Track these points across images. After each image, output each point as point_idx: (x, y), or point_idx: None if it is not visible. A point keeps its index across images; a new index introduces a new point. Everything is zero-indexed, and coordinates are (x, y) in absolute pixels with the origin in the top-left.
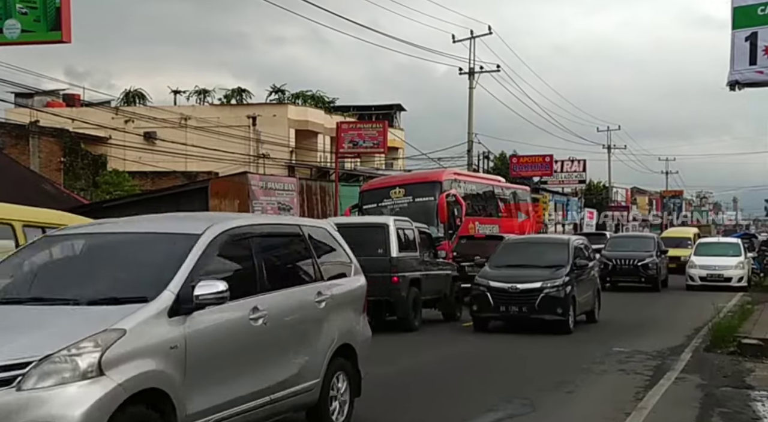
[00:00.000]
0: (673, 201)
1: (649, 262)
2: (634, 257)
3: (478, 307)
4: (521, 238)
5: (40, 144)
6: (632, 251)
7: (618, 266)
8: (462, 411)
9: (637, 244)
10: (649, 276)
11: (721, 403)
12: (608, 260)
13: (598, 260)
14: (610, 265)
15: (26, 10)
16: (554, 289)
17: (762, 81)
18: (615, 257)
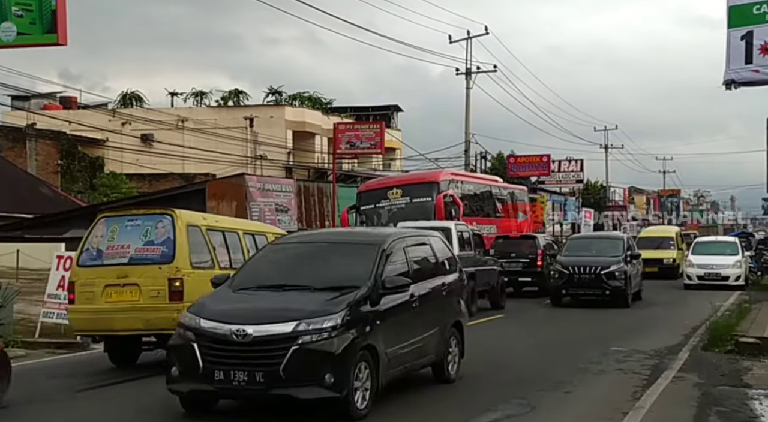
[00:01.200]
0: (670, 200)
1: (614, 270)
2: (596, 264)
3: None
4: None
5: (37, 146)
6: (595, 256)
7: (576, 275)
8: (460, 411)
9: (602, 247)
10: (615, 289)
11: (719, 402)
12: (564, 267)
13: (552, 267)
14: (566, 274)
15: (22, 13)
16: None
17: (758, 79)
18: (573, 264)
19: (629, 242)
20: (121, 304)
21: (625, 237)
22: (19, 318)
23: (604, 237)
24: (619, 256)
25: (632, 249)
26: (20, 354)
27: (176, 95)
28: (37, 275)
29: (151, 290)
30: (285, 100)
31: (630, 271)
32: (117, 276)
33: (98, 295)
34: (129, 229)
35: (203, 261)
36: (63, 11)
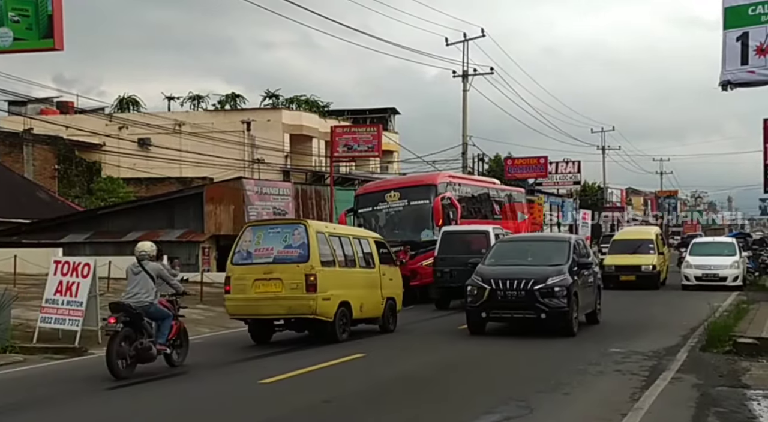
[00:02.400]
0: (668, 201)
1: (553, 284)
2: (529, 276)
3: None
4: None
5: (34, 152)
6: (529, 265)
7: (500, 291)
8: (459, 413)
9: (541, 252)
10: (554, 310)
11: (717, 403)
12: (485, 281)
13: (469, 282)
14: (486, 290)
15: (18, 18)
16: None
17: (754, 80)
18: (497, 276)
19: (579, 246)
20: (267, 294)
21: (572, 239)
22: (16, 323)
23: (544, 239)
24: (562, 265)
25: (584, 254)
26: (18, 360)
27: (173, 99)
28: (35, 280)
29: (291, 283)
30: (282, 103)
31: (577, 286)
32: (263, 272)
33: (249, 287)
34: (271, 235)
35: (328, 260)
36: (59, 16)
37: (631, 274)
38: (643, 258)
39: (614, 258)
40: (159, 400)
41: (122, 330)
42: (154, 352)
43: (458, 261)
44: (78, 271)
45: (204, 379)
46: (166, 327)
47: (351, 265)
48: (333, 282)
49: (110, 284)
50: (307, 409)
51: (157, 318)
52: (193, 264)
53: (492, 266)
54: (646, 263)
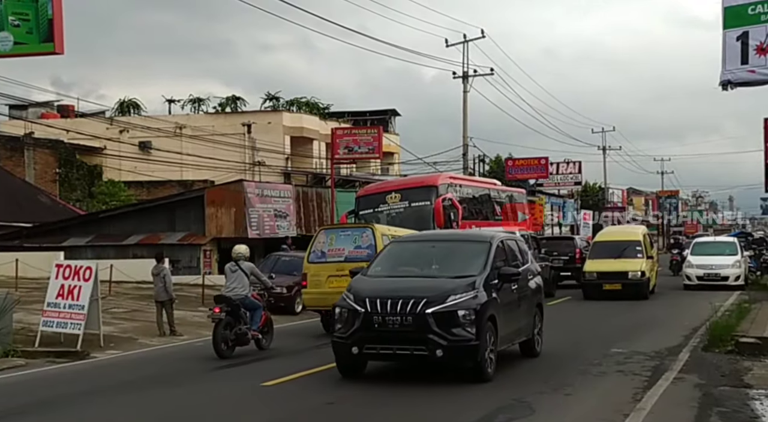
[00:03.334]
0: (669, 201)
1: (456, 306)
2: (421, 293)
3: None
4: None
5: (35, 155)
6: (427, 276)
7: (378, 316)
8: (461, 414)
9: (450, 259)
10: (454, 342)
11: (720, 403)
12: (359, 301)
13: (342, 300)
14: (360, 314)
15: (18, 23)
16: None
17: (754, 80)
18: (377, 294)
19: (510, 248)
20: (339, 289)
21: (497, 238)
22: (18, 327)
23: (456, 239)
24: (475, 277)
25: (518, 259)
26: (20, 364)
27: (173, 102)
28: (36, 284)
29: None
30: (282, 105)
31: (496, 307)
32: (336, 270)
33: (323, 282)
34: (343, 237)
35: None
36: (59, 20)
37: (616, 282)
38: (630, 263)
39: (596, 264)
40: (164, 402)
41: (225, 318)
42: (249, 337)
43: None
44: (79, 275)
45: (207, 381)
46: (258, 316)
47: None
48: None
49: (112, 287)
50: (309, 411)
51: (250, 309)
52: (194, 267)
53: (375, 278)
54: (633, 269)
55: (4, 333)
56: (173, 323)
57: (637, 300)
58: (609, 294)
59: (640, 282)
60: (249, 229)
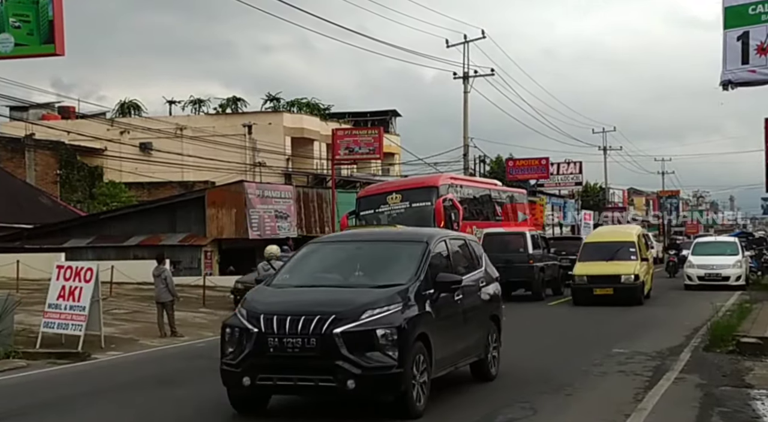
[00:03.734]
0: (670, 201)
1: (373, 324)
2: (329, 308)
3: None
4: None
5: (35, 157)
6: (342, 286)
7: (274, 337)
8: (462, 415)
9: (377, 263)
10: (370, 370)
11: (721, 403)
12: (251, 319)
13: (234, 317)
14: (253, 334)
15: (19, 24)
16: None
17: (755, 80)
18: (275, 309)
19: (452, 251)
20: None
21: (436, 238)
22: (19, 328)
23: (386, 239)
24: (403, 286)
25: (463, 263)
26: (21, 365)
27: (174, 103)
28: (38, 285)
29: None
30: (283, 106)
31: (430, 324)
32: None
33: None
34: None
35: None
36: (60, 22)
37: (607, 287)
38: (623, 265)
39: (586, 267)
40: (165, 403)
41: None
42: None
43: (497, 259)
44: (80, 276)
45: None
46: None
47: None
48: None
49: (113, 288)
50: (303, 407)
51: None
52: (195, 268)
53: (279, 289)
54: (626, 272)
55: (5, 334)
56: (174, 324)
57: (631, 305)
58: (600, 299)
59: (634, 286)
60: (250, 230)
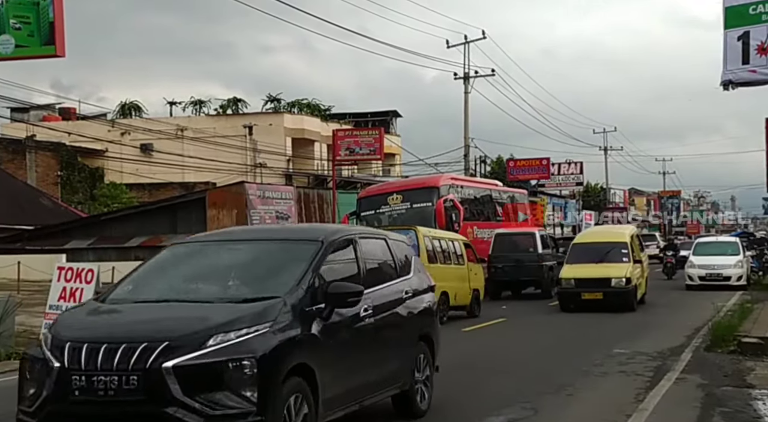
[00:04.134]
0: (671, 201)
1: (222, 353)
2: (162, 333)
3: None
4: None
5: (36, 158)
6: (191, 302)
7: (79, 375)
8: (462, 415)
9: (258, 268)
10: (217, 419)
11: (722, 403)
12: (54, 350)
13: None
14: (54, 370)
15: (20, 26)
16: None
17: (756, 80)
18: (87, 335)
19: (362, 253)
20: None
21: (337, 236)
22: (20, 330)
23: (270, 237)
24: (277, 298)
25: (380, 269)
26: None
27: (175, 104)
28: (39, 287)
29: None
30: (283, 107)
31: (317, 350)
32: None
33: None
34: None
35: (433, 258)
36: (61, 23)
37: (596, 291)
38: (614, 268)
39: (574, 270)
40: None
41: None
42: None
43: (508, 258)
44: (82, 277)
45: None
46: None
47: (448, 262)
48: (436, 275)
49: None
50: None
51: None
52: None
53: (113, 304)
54: (617, 275)
55: (6, 336)
56: None
57: (623, 312)
58: (588, 304)
59: (625, 290)
60: None
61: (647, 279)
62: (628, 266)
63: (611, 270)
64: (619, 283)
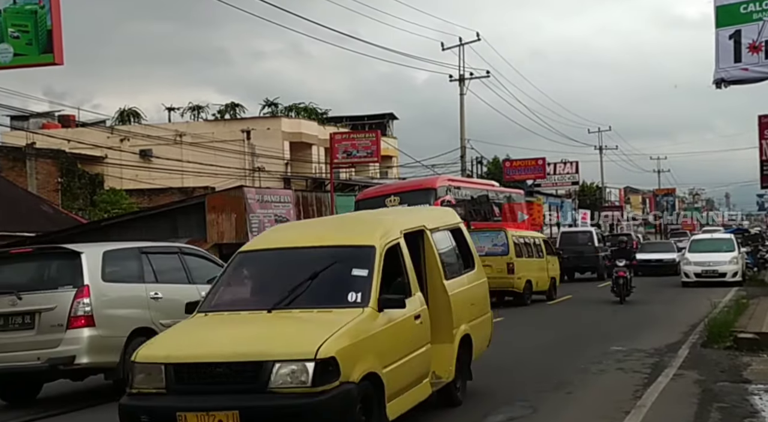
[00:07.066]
0: (666, 199)
1: None
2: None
3: None
4: None
5: (36, 165)
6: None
7: None
8: (462, 414)
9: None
10: None
11: (719, 398)
12: None
13: None
14: None
15: (18, 34)
16: None
17: (747, 78)
18: None
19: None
20: None
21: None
22: None
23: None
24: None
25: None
26: None
27: (173, 110)
28: None
29: (498, 268)
30: (281, 111)
31: None
32: None
33: None
34: (483, 237)
35: (519, 253)
36: (58, 31)
37: None
38: None
39: None
40: None
41: None
42: None
43: (571, 251)
44: None
45: None
46: None
47: (530, 256)
48: (522, 267)
49: None
50: None
51: None
52: None
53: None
54: None
55: None
56: None
57: None
58: None
59: None
60: (250, 234)
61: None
62: None
63: None
64: None
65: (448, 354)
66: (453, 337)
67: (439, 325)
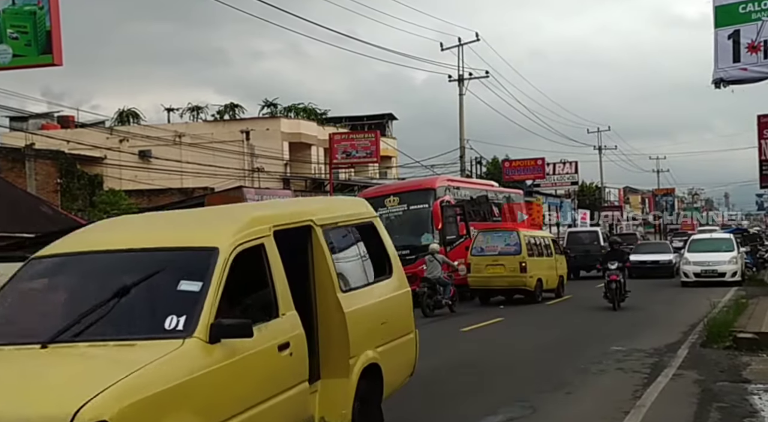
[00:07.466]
0: (665, 199)
1: None
2: None
3: None
4: None
5: (36, 166)
6: None
7: None
8: (462, 414)
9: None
10: None
11: (719, 398)
12: None
13: None
14: None
15: (17, 35)
16: None
17: (746, 78)
18: None
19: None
20: (495, 274)
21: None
22: None
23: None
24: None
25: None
26: None
27: (172, 111)
28: None
29: (510, 267)
30: (280, 112)
31: None
32: (492, 260)
33: (483, 269)
34: (496, 237)
35: (531, 253)
36: (57, 32)
37: None
38: None
39: None
40: None
41: (427, 290)
42: (444, 303)
43: (578, 250)
44: None
45: None
46: (448, 290)
47: (541, 255)
48: (533, 266)
49: None
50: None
51: (443, 285)
52: None
53: None
54: None
55: None
56: None
57: None
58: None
59: None
60: None
61: None
62: None
63: None
64: None
65: (342, 393)
66: (349, 369)
67: (330, 354)
